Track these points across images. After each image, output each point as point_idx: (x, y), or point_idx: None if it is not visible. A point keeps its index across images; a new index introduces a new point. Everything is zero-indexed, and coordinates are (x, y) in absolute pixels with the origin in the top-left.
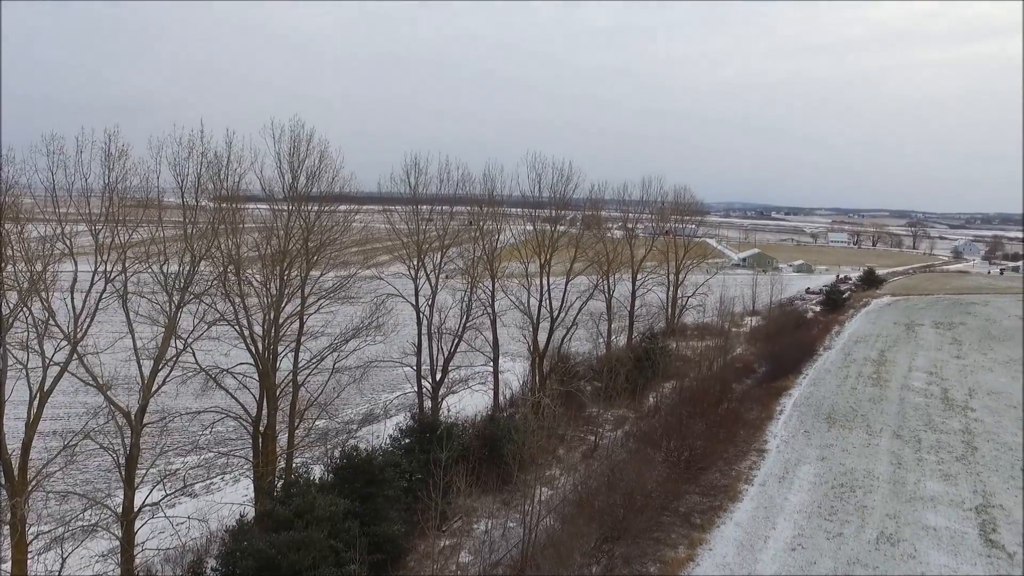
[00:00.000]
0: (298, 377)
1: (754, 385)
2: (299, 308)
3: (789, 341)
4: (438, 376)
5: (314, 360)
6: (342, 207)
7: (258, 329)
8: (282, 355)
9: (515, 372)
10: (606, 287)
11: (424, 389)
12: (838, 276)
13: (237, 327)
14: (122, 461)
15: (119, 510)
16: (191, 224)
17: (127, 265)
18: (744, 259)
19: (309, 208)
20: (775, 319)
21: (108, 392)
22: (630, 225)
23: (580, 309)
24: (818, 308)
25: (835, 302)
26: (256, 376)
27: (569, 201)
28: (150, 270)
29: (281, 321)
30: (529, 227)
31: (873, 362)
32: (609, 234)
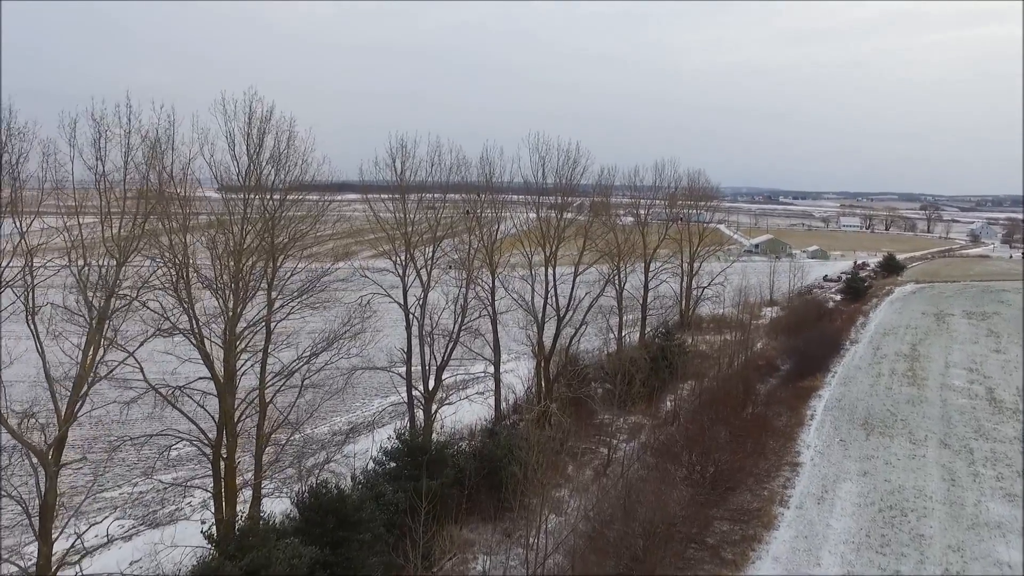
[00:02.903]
0: (265, 393)
1: (779, 385)
2: (264, 314)
3: (813, 335)
4: (431, 385)
5: (282, 375)
6: (312, 196)
7: (216, 336)
8: (247, 366)
9: (519, 373)
10: (617, 280)
11: (416, 399)
12: (855, 262)
13: (189, 336)
14: (35, 511)
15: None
16: (109, 215)
17: (32, 266)
18: (757, 245)
19: (271, 198)
20: (796, 310)
21: (26, 421)
22: (642, 212)
23: (590, 307)
24: (838, 297)
25: (857, 291)
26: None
27: (576, 187)
28: (70, 268)
29: (241, 329)
30: (532, 216)
31: (905, 357)
32: (619, 222)
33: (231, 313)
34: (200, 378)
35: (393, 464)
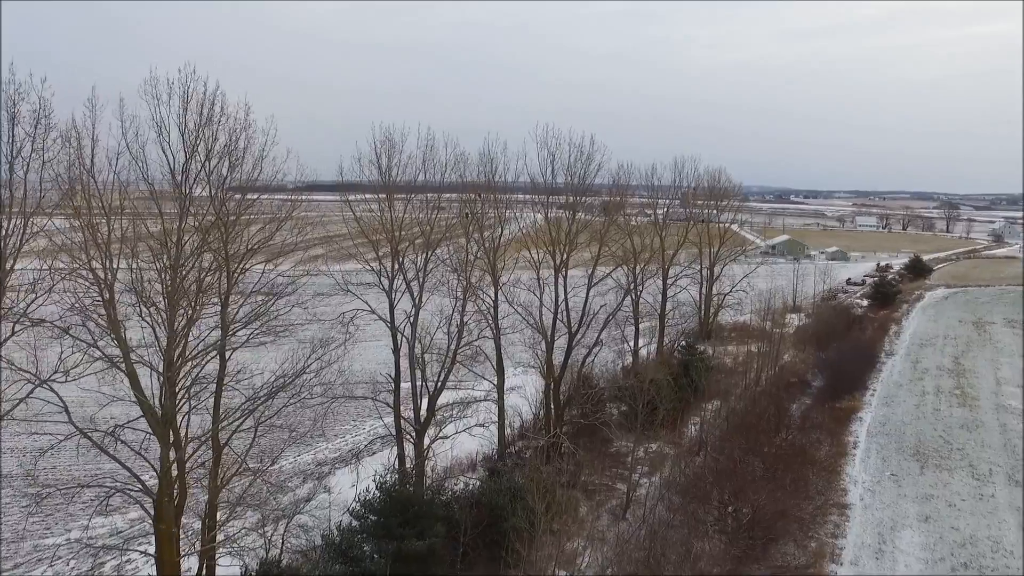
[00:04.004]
0: (220, 436)
1: (813, 405)
2: (208, 339)
3: (845, 347)
4: (423, 416)
5: (236, 412)
6: (276, 197)
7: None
8: (198, 401)
9: (526, 392)
10: (633, 290)
11: (405, 430)
12: (878, 264)
13: (117, 366)
14: None
15: None
16: None
17: None
18: (773, 246)
19: (219, 198)
20: (823, 317)
21: None
22: (660, 213)
23: (605, 323)
24: (865, 302)
25: (885, 295)
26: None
27: (590, 187)
28: None
29: (185, 357)
30: (540, 217)
31: (949, 372)
32: (633, 222)
33: (168, 341)
34: (141, 416)
35: (372, 519)
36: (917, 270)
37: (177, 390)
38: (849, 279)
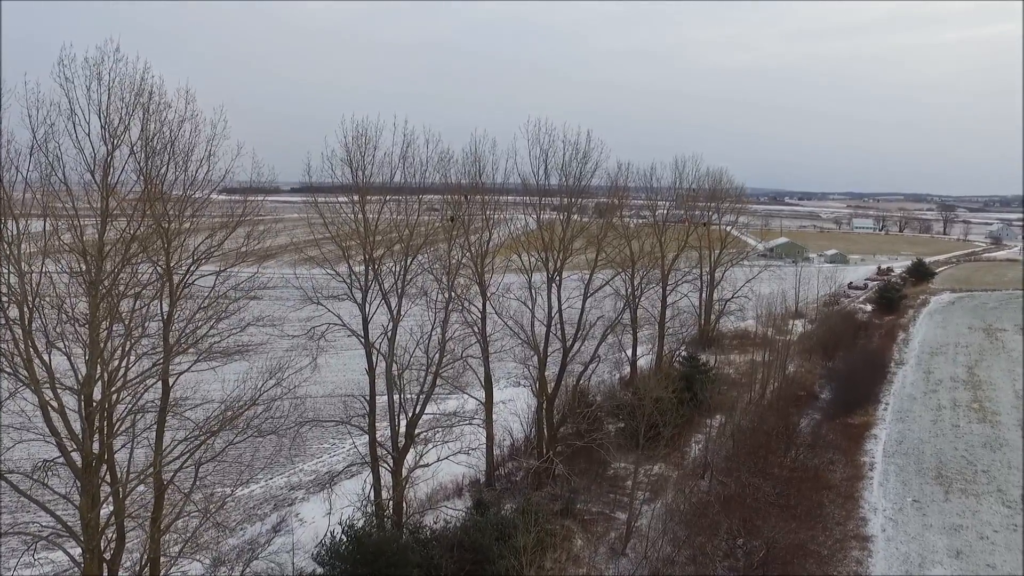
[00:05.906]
0: (163, 475)
1: (823, 420)
2: (146, 367)
3: (854, 357)
4: (401, 441)
5: (179, 447)
6: (231, 197)
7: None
8: (138, 436)
9: (516, 407)
10: (632, 299)
11: (381, 458)
12: (879, 267)
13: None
14: None
15: None
16: None
17: None
18: (771, 249)
19: (153, 195)
20: (829, 324)
21: None
22: (659, 214)
23: (603, 337)
24: (868, 308)
25: (889, 300)
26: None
27: (586, 188)
28: None
29: (121, 383)
30: (532, 221)
31: (965, 384)
32: (631, 223)
33: (88, 371)
34: (74, 449)
35: (340, 566)
36: (920, 273)
37: (115, 421)
38: (851, 283)
